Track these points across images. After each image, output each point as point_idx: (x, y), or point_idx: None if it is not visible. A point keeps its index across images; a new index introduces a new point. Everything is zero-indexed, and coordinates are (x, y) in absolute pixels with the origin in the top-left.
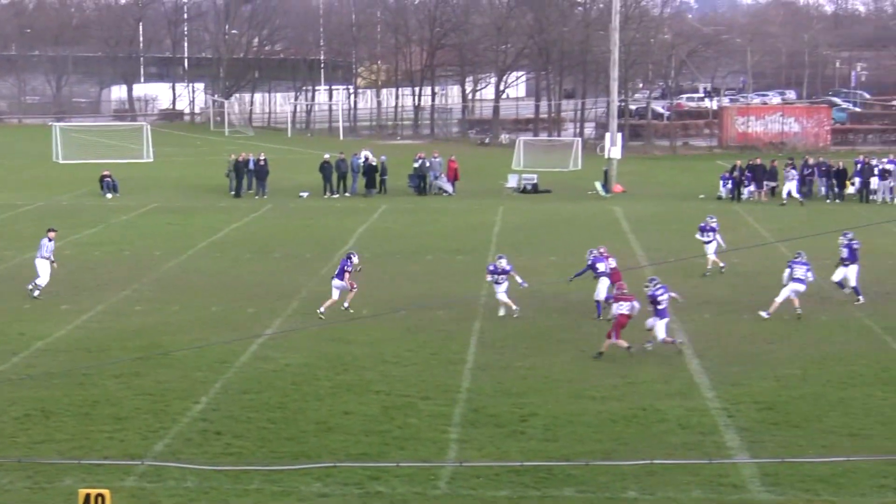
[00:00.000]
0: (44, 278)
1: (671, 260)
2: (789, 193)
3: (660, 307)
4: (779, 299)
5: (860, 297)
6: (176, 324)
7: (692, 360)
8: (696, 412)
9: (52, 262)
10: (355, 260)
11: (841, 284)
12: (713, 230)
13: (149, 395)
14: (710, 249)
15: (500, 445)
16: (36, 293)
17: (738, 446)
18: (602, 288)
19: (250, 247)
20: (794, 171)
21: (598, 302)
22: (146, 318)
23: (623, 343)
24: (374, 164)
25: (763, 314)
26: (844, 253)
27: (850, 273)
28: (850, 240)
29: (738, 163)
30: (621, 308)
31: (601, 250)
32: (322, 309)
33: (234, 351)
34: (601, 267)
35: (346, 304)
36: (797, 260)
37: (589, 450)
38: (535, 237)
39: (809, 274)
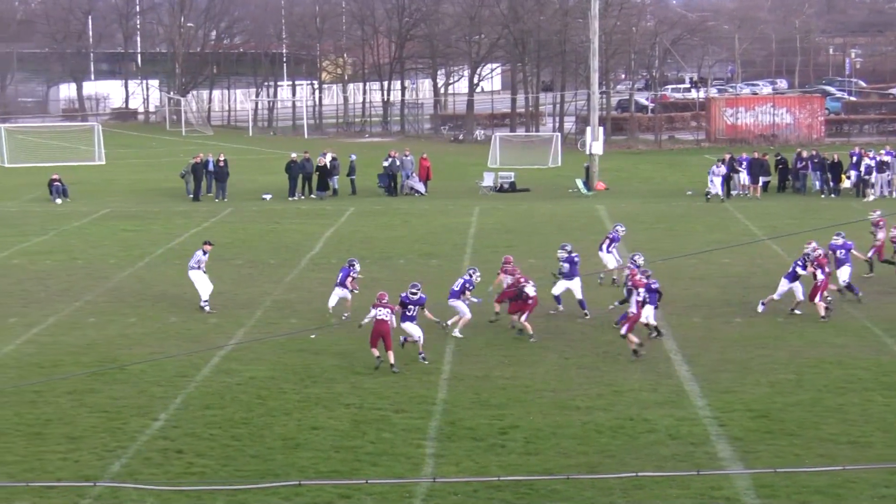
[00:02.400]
0: (204, 289)
1: (659, 260)
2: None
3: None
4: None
5: (587, 313)
6: (132, 336)
7: (681, 367)
8: (686, 421)
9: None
10: (357, 268)
11: (559, 298)
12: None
13: (104, 412)
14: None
15: (478, 460)
16: (207, 308)
17: (730, 457)
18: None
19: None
20: (722, 167)
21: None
22: (100, 331)
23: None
24: (324, 164)
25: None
26: (565, 267)
27: (573, 286)
28: (570, 252)
29: (727, 156)
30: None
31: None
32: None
33: (194, 364)
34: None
35: (346, 315)
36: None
37: (573, 463)
38: (513, 239)
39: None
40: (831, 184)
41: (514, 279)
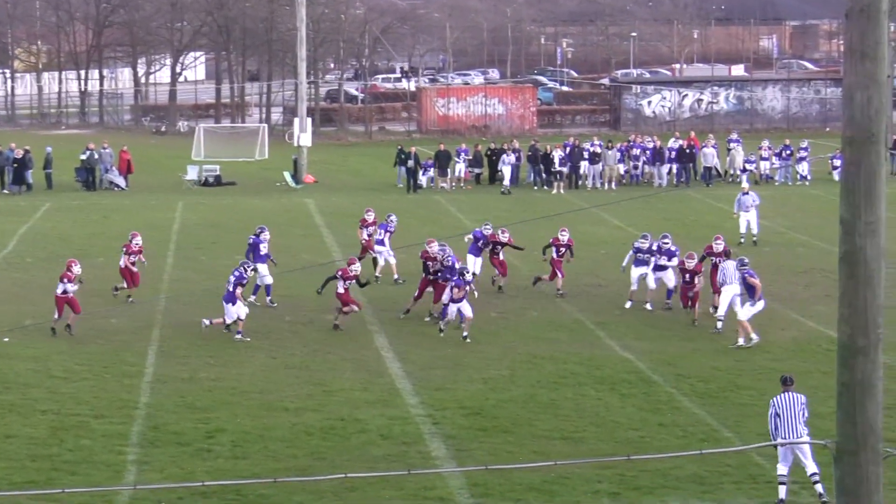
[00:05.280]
0: None
1: (371, 255)
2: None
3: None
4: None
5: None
6: None
7: (393, 365)
8: (398, 420)
9: None
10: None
11: None
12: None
13: None
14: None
15: (183, 465)
16: None
17: (444, 456)
18: None
19: None
20: (512, 155)
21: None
22: None
23: None
24: (19, 157)
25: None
26: None
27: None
28: None
29: (413, 150)
30: None
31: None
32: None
33: None
34: None
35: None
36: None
37: (283, 466)
38: (219, 235)
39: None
40: (543, 175)
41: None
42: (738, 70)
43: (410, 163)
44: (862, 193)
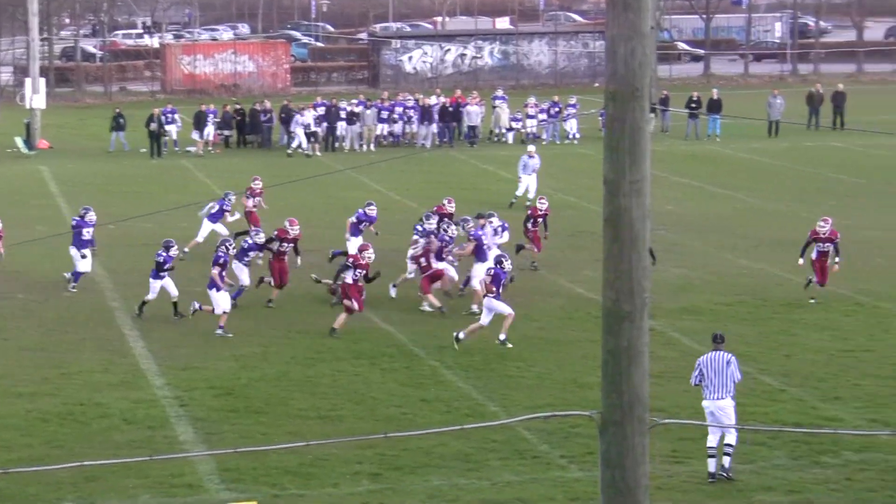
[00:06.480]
0: None
1: (110, 225)
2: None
3: None
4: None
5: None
6: None
7: (137, 343)
8: (143, 403)
9: None
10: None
11: None
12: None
13: None
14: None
15: None
16: None
17: (193, 440)
18: None
19: None
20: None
21: None
22: None
23: None
24: None
25: None
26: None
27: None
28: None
29: (156, 112)
30: None
31: None
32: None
33: None
34: None
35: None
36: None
37: (16, 457)
38: None
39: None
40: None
41: None
42: (504, 23)
43: (153, 126)
44: (626, 151)
